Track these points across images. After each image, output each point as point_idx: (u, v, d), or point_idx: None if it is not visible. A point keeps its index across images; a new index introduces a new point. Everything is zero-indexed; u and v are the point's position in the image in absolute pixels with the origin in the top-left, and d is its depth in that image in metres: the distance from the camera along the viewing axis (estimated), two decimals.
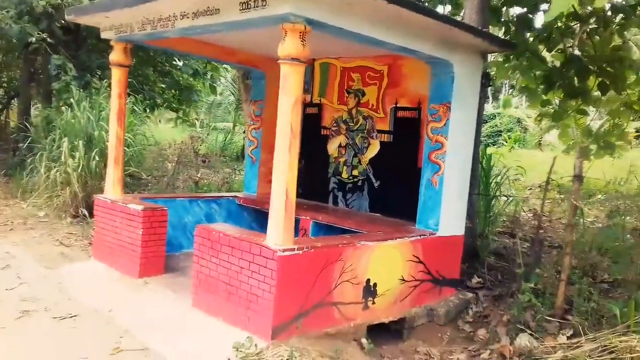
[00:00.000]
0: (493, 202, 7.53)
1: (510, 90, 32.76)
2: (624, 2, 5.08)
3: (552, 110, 6.71)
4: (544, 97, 6.66)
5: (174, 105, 13.21)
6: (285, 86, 3.62)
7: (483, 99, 6.06)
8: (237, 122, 21.35)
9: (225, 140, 17.73)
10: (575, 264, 5.78)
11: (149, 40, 5.34)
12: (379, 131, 5.81)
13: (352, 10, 3.74)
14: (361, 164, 5.98)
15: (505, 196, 7.67)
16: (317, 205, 6.13)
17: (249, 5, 3.64)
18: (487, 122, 29.71)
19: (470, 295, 5.29)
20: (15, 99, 15.74)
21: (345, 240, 4.22)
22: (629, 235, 6.82)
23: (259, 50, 6.04)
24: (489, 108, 33.86)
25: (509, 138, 26.36)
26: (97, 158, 7.67)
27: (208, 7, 4.01)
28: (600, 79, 6.15)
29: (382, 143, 5.80)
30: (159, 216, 5.10)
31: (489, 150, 8.72)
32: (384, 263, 4.43)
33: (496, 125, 29.02)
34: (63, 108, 8.60)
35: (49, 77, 10.63)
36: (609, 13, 5.47)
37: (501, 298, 5.29)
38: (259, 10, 3.60)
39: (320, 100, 6.38)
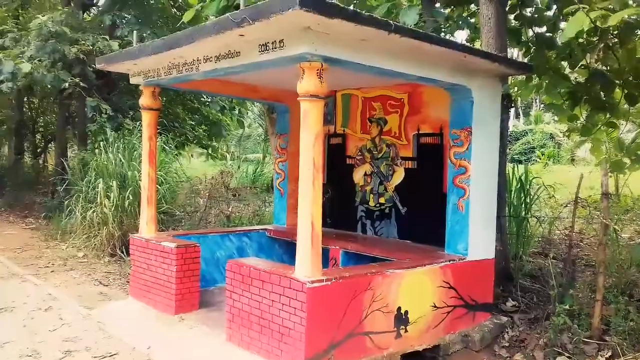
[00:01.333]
0: (525, 223, 7.44)
1: (541, 106, 32.38)
2: (638, 19, 5.06)
3: (581, 125, 6.66)
4: (571, 113, 6.61)
5: (204, 142, 13.53)
6: (306, 122, 3.72)
7: (506, 120, 6.06)
8: (266, 153, 21.65)
9: (255, 171, 17.98)
10: (611, 282, 5.66)
11: (175, 84, 5.56)
12: (403, 158, 5.86)
13: (367, 45, 3.84)
14: (387, 192, 6.02)
15: (535, 217, 7.55)
16: (346, 234, 6.18)
17: (267, 47, 3.79)
18: (519, 139, 29.40)
19: (505, 319, 5.22)
20: (52, 142, 16.35)
21: (373, 269, 4.25)
22: None
23: (281, 85, 6.20)
24: (519, 125, 33.52)
25: (542, 154, 25.96)
26: (130, 197, 7.90)
27: (229, 50, 4.17)
28: (626, 91, 6.10)
29: (406, 170, 5.84)
30: (191, 252, 5.22)
31: (522, 168, 8.58)
32: (415, 290, 4.43)
33: (529, 142, 28.68)
34: (97, 150, 8.91)
35: (85, 119, 11.08)
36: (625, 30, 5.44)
37: (537, 321, 5.20)
38: (277, 51, 3.74)
39: (343, 130, 6.48)
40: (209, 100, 12.68)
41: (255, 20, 3.40)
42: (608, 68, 6.57)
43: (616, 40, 6.16)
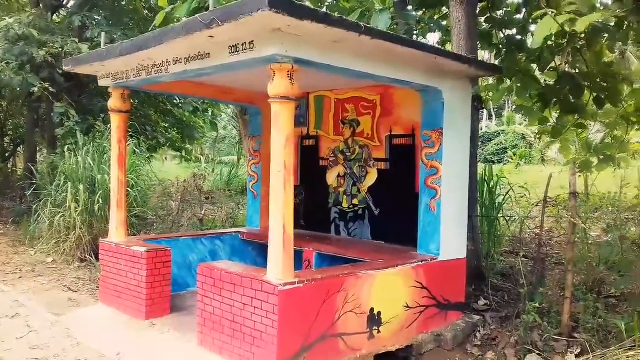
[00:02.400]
0: (496, 222, 7.53)
1: (513, 107, 32.95)
2: (603, 22, 5.16)
3: (551, 127, 6.77)
4: (541, 115, 6.71)
5: (177, 145, 13.37)
6: (277, 124, 3.71)
7: (476, 121, 6.13)
8: (240, 156, 21.52)
9: (229, 174, 17.85)
10: (580, 280, 5.77)
11: (145, 85, 5.48)
12: (376, 159, 5.88)
13: (338, 47, 3.84)
14: (360, 193, 6.03)
15: (504, 217, 7.66)
16: (320, 236, 6.17)
17: (237, 49, 3.76)
18: (491, 139, 29.87)
19: (477, 317, 5.27)
20: (21, 145, 15.97)
21: (346, 270, 4.25)
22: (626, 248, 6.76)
23: (253, 87, 6.16)
24: (492, 126, 34.04)
25: (514, 155, 26.40)
26: (100, 201, 7.76)
27: (199, 51, 4.13)
28: (594, 94, 6.22)
29: (379, 171, 5.86)
30: (162, 257, 5.15)
31: (494, 168, 8.71)
32: (387, 291, 4.44)
33: (501, 143, 29.14)
34: (66, 153, 8.75)
35: (53, 123, 10.86)
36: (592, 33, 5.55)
37: (508, 319, 5.26)
38: (247, 52, 3.71)
39: (316, 132, 6.48)
40: (181, 101, 12.54)
41: (224, 21, 3.37)
42: (577, 70, 6.69)
43: (584, 43, 6.27)
